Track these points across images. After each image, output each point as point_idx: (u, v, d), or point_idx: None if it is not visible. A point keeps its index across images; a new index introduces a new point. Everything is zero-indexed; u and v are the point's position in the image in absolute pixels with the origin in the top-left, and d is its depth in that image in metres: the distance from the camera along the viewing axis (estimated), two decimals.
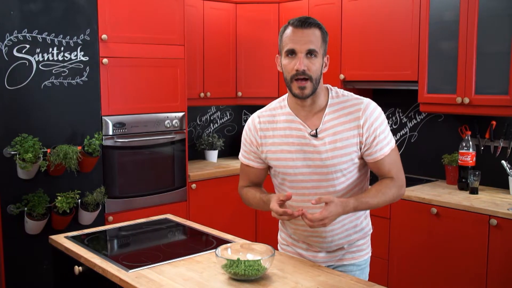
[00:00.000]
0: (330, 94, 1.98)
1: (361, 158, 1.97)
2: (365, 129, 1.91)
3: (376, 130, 1.92)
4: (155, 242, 2.44)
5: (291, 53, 1.86)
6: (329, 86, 2.02)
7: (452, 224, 3.15)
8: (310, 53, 1.85)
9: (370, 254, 2.19)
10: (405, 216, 3.38)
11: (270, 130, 2.01)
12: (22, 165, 3.00)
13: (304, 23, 1.85)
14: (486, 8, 3.16)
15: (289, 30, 1.88)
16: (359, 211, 2.01)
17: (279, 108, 2.02)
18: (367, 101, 1.97)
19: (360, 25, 3.85)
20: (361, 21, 3.84)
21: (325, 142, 1.91)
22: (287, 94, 2.02)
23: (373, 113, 1.93)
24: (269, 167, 2.09)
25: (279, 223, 2.24)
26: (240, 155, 2.15)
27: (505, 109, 3.13)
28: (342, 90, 2.03)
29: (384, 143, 1.93)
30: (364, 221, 2.13)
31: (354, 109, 1.93)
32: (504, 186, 3.44)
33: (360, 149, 1.93)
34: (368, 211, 2.15)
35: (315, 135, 1.92)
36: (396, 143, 4.03)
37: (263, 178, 2.15)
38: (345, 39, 3.95)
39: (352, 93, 2.02)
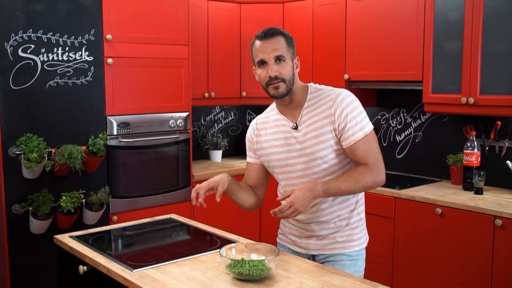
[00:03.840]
0: (309, 91, 2.14)
1: (341, 145, 2.08)
2: (337, 116, 2.04)
3: (347, 116, 2.03)
4: (160, 242, 2.45)
5: (262, 63, 2.06)
6: (310, 84, 2.18)
7: (457, 225, 3.14)
8: (279, 59, 2.04)
9: (363, 247, 2.19)
10: (410, 216, 3.37)
11: (262, 129, 2.23)
12: (27, 164, 3.01)
13: (267, 34, 2.06)
14: (491, 8, 3.15)
15: (257, 43, 2.09)
16: (339, 196, 2.09)
17: (270, 111, 2.24)
18: (339, 91, 2.10)
19: (364, 25, 3.84)
20: (365, 21, 3.83)
21: (303, 133, 2.08)
22: None
23: (343, 100, 2.05)
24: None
25: None
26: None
27: (510, 109, 3.11)
28: (321, 85, 2.18)
29: (357, 129, 2.03)
30: (355, 210, 2.16)
31: (327, 99, 2.08)
32: (509, 186, 3.43)
33: (336, 136, 2.05)
34: (361, 201, 2.19)
35: (296, 128, 2.10)
36: (400, 143, 4.07)
37: (260, 178, 2.28)
38: (349, 39, 3.95)
39: (329, 87, 2.16)
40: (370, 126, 2.07)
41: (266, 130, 2.20)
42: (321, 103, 2.09)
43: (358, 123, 2.03)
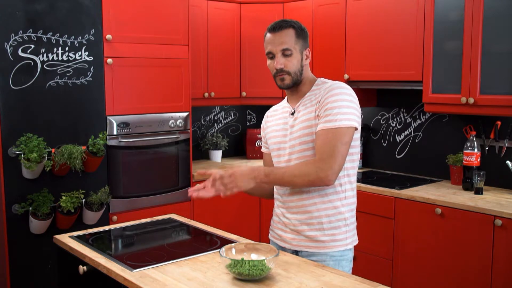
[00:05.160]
0: (315, 83, 2.21)
1: None
2: (320, 103, 2.08)
3: (326, 104, 2.05)
4: (159, 242, 2.45)
5: (270, 55, 2.15)
6: (319, 78, 2.23)
7: (457, 225, 3.14)
8: (285, 52, 2.11)
9: (349, 247, 2.17)
10: (410, 216, 3.37)
11: (271, 116, 2.35)
12: (27, 164, 3.01)
13: (276, 27, 2.13)
14: (491, 8, 3.15)
15: (267, 35, 2.17)
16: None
17: (283, 102, 2.34)
18: (336, 82, 2.14)
19: (364, 25, 3.84)
20: (365, 21, 3.83)
21: (295, 118, 2.18)
22: None
23: (331, 90, 2.08)
24: None
25: (273, 209, 2.34)
26: None
27: (510, 109, 3.11)
28: (329, 80, 2.21)
29: (327, 119, 2.02)
30: (340, 207, 2.13)
31: (323, 89, 2.13)
32: (509, 186, 3.44)
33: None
34: (346, 201, 2.16)
35: (293, 113, 2.20)
36: (400, 143, 4.07)
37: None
38: (349, 39, 3.95)
39: (337, 81, 2.17)
40: (345, 123, 2.00)
41: (274, 117, 2.31)
42: (319, 92, 2.14)
43: (333, 114, 2.01)
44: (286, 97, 2.32)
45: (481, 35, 3.18)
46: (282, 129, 2.22)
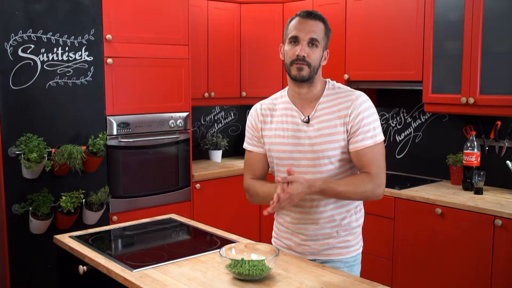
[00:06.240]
0: (326, 86, 2.10)
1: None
2: (351, 118, 1.99)
3: (362, 120, 1.99)
4: (159, 242, 2.45)
5: (295, 40, 2.00)
6: (328, 79, 2.13)
7: (457, 225, 3.14)
8: (312, 42, 1.99)
9: (360, 251, 2.17)
10: (410, 216, 3.37)
11: (269, 116, 2.15)
12: (27, 164, 3.01)
13: (310, 14, 2.01)
14: (491, 8, 3.15)
15: (295, 19, 2.03)
16: (339, 201, 2.05)
17: (279, 98, 2.17)
18: (359, 93, 2.06)
19: (364, 25, 3.84)
20: (365, 21, 3.83)
21: (315, 128, 2.02)
22: (288, 87, 2.15)
23: (362, 104, 2.01)
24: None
25: (274, 215, 2.27)
26: (244, 144, 2.25)
27: (510, 109, 3.12)
28: (339, 83, 2.13)
29: (368, 135, 1.99)
30: (354, 215, 2.12)
31: (346, 99, 2.03)
32: (509, 186, 3.43)
33: (346, 138, 2.01)
34: (360, 206, 2.16)
35: (307, 121, 2.04)
36: (400, 143, 4.07)
37: (266, 169, 2.20)
38: (349, 39, 3.95)
39: (347, 87, 2.12)
40: (381, 137, 2.02)
41: (273, 117, 2.13)
42: (338, 101, 2.03)
43: (371, 130, 1.99)
44: (282, 93, 2.17)
45: (481, 35, 3.18)
46: (292, 136, 2.06)
